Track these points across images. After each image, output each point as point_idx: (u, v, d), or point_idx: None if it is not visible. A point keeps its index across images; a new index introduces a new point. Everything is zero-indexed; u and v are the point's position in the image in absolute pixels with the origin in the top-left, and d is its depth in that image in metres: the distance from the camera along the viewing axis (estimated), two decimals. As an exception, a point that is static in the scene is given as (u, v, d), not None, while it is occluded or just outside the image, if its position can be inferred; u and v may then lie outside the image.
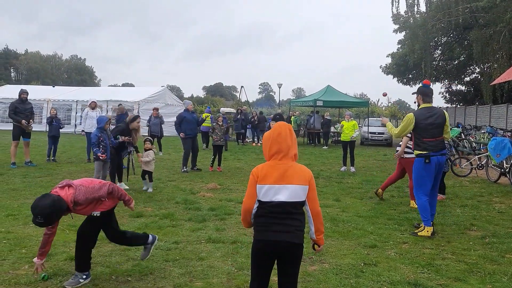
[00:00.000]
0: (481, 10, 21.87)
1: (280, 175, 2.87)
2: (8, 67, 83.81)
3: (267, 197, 2.86)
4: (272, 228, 2.83)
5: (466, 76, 33.00)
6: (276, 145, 2.94)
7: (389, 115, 38.34)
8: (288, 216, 2.85)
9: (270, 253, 2.90)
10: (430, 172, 5.68)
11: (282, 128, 2.99)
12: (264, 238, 2.86)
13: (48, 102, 25.27)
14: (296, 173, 2.90)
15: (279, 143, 2.93)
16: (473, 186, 9.81)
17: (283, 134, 2.96)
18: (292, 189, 2.86)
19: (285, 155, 2.92)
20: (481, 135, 17.19)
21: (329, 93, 22.54)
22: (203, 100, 56.53)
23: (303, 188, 2.88)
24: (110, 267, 4.32)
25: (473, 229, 6.08)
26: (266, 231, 2.85)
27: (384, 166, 13.48)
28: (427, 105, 5.84)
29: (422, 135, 5.71)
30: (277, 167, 2.90)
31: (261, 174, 2.90)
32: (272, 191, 2.85)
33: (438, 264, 4.59)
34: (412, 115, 5.78)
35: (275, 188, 2.85)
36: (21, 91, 11.12)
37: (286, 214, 2.85)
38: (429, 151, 5.65)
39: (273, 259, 2.94)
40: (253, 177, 2.93)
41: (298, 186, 2.87)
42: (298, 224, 2.88)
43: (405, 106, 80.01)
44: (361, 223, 6.26)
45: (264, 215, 2.88)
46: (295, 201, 2.87)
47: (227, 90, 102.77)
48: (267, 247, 2.86)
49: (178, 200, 7.52)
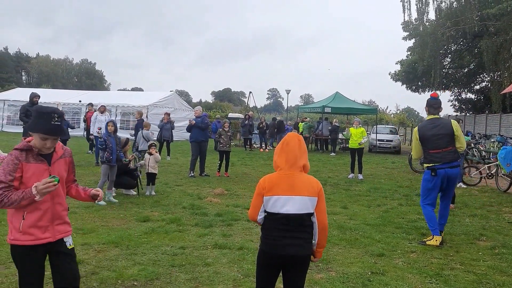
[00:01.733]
0: (492, 17, 21.72)
1: (288, 186, 2.82)
2: (19, 71, 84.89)
3: (275, 208, 2.81)
4: (281, 241, 2.79)
5: (476, 84, 32.77)
6: (284, 155, 2.91)
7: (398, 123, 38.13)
8: (297, 229, 2.81)
9: (277, 265, 2.87)
10: (436, 185, 5.69)
11: (291, 138, 2.96)
12: (272, 251, 2.82)
13: (58, 105, 25.50)
14: (305, 184, 2.84)
15: (286, 153, 2.90)
16: (483, 195, 9.70)
17: (291, 144, 2.92)
18: (300, 200, 2.80)
19: (293, 165, 2.87)
20: (491, 144, 17.01)
21: (337, 100, 22.49)
22: (211, 105, 56.71)
23: (312, 200, 2.82)
24: (116, 271, 4.32)
25: (483, 239, 6.00)
26: (275, 244, 2.80)
27: (392, 174, 13.39)
28: (432, 117, 5.87)
29: (428, 147, 5.74)
30: (285, 177, 2.85)
31: (269, 185, 2.85)
32: (280, 202, 2.80)
33: (446, 275, 4.53)
34: (416, 129, 5.94)
35: (283, 199, 2.80)
36: (33, 94, 11.24)
37: (295, 226, 2.80)
38: (435, 163, 5.64)
39: (279, 269, 2.91)
40: (260, 188, 2.89)
41: (307, 197, 2.81)
42: (307, 237, 2.84)
43: (414, 113, 79.54)
44: (368, 231, 6.21)
45: (274, 226, 2.83)
46: (304, 213, 2.81)
47: (235, 95, 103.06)
48: (274, 259, 2.83)
49: (185, 205, 7.52)
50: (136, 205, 7.47)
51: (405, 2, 25.11)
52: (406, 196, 9.21)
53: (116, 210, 7.00)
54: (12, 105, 26.04)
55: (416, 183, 11.25)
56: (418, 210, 7.81)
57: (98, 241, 5.28)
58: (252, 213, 2.93)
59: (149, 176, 8.62)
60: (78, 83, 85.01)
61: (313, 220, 2.88)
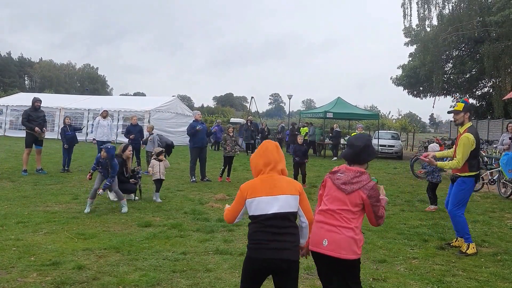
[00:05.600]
0: (494, 24, 21.75)
1: (270, 187, 2.90)
2: (22, 75, 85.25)
3: (259, 210, 2.86)
4: (269, 245, 2.79)
5: (477, 90, 32.74)
6: (263, 159, 3.02)
7: (400, 128, 38.08)
8: (284, 231, 2.84)
9: (264, 270, 2.85)
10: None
11: (268, 144, 3.11)
12: (260, 257, 2.81)
13: (61, 110, 25.57)
14: (286, 184, 2.95)
15: (266, 157, 3.01)
16: (485, 201, 9.68)
17: (269, 148, 3.05)
18: (284, 199, 2.87)
19: (273, 168, 2.98)
20: (493, 149, 16.97)
21: (339, 105, 22.50)
22: (213, 110, 56.82)
23: (294, 198, 2.91)
24: (117, 276, 4.32)
25: (485, 245, 5.98)
26: (262, 248, 2.80)
27: (394, 180, 13.36)
28: (471, 124, 5.67)
29: (476, 155, 5.56)
30: (266, 180, 2.95)
31: (250, 189, 2.94)
32: (264, 203, 2.86)
33: (448, 281, 4.51)
34: (473, 137, 5.45)
35: (266, 200, 2.86)
36: (35, 99, 11.29)
37: (282, 228, 2.83)
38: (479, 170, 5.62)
39: (266, 275, 2.91)
40: (241, 193, 2.97)
41: (290, 196, 2.89)
42: (294, 240, 2.88)
43: (416, 119, 79.47)
44: (370, 237, 6.19)
45: (259, 230, 2.85)
46: (289, 212, 2.87)
47: (237, 100, 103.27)
48: (263, 265, 2.81)
49: (186, 210, 7.52)
50: (137, 210, 7.47)
51: (406, 8, 25.18)
52: (408, 202, 9.19)
53: (118, 215, 7.00)
54: (14, 109, 26.12)
55: (418, 189, 11.23)
56: (420, 216, 7.81)
57: (99, 246, 5.28)
58: (229, 215, 3.04)
59: (160, 182, 8.48)
60: (81, 88, 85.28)
61: (298, 222, 2.97)
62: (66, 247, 5.22)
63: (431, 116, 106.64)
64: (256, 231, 2.86)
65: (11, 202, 7.58)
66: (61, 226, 6.15)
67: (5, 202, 7.54)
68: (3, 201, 7.61)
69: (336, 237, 2.90)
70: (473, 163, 5.53)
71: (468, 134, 5.48)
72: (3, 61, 78.98)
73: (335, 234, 2.91)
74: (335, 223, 2.94)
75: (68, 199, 8.07)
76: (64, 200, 8.02)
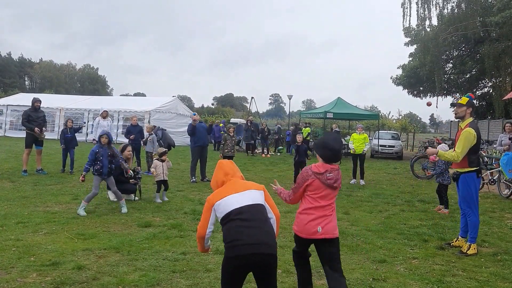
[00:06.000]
0: (494, 25, 21.74)
1: (235, 187, 3.16)
2: (22, 76, 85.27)
3: (231, 206, 2.99)
4: (244, 241, 2.83)
5: (478, 90, 32.73)
6: (221, 171, 3.29)
7: (400, 128, 38.05)
8: (258, 224, 2.94)
9: (243, 268, 2.87)
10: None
11: (222, 161, 3.45)
12: (237, 254, 2.83)
13: (61, 110, 25.58)
14: (250, 183, 3.27)
15: (222, 169, 3.31)
16: (485, 201, 9.67)
17: (224, 163, 3.39)
18: (252, 193, 3.13)
19: (233, 175, 3.28)
20: (493, 149, 16.97)
21: (339, 106, 22.50)
22: (213, 111, 56.82)
23: (260, 193, 3.20)
24: (117, 277, 4.32)
25: (485, 245, 5.98)
26: (237, 245, 2.83)
27: (394, 180, 13.36)
28: (472, 119, 5.64)
29: (476, 151, 5.53)
30: (231, 183, 3.20)
31: (217, 194, 3.13)
32: (234, 199, 3.02)
33: (448, 281, 4.51)
34: (474, 132, 5.41)
35: (236, 196, 3.05)
36: (35, 99, 11.29)
37: (256, 220, 2.95)
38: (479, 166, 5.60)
39: (246, 274, 2.94)
40: (208, 202, 3.12)
41: (256, 191, 3.18)
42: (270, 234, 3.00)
43: (416, 119, 79.45)
44: (370, 237, 6.19)
45: (232, 228, 2.91)
46: (257, 203, 3.09)
47: (237, 100, 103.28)
48: (241, 262, 2.83)
49: (186, 210, 7.52)
50: (137, 210, 7.47)
51: (405, 8, 25.17)
52: (408, 202, 9.19)
53: (118, 216, 7.00)
54: (15, 110, 26.13)
55: (418, 189, 11.23)
56: (420, 216, 7.81)
57: (99, 246, 5.28)
58: (200, 227, 3.14)
59: (164, 183, 8.42)
60: (81, 88, 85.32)
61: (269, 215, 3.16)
62: (66, 247, 5.22)
63: (431, 116, 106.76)
64: (229, 229, 2.92)
65: (11, 203, 7.58)
66: (61, 227, 6.15)
67: (5, 203, 7.54)
68: (3, 202, 7.61)
69: (329, 224, 3.47)
70: (472, 159, 5.52)
71: (469, 128, 5.46)
72: (4, 61, 79.01)
73: (328, 222, 3.47)
74: (326, 214, 3.48)
75: (68, 200, 8.07)
76: (64, 200, 8.02)
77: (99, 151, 7.29)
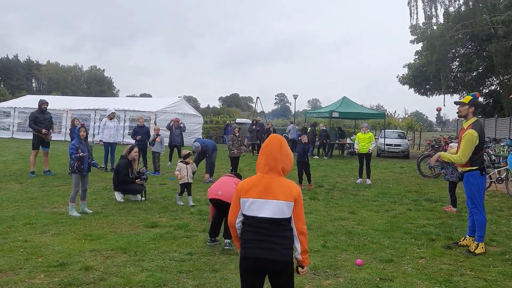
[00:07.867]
0: (500, 23, 21.55)
1: (264, 189, 2.78)
2: (30, 78, 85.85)
3: (251, 212, 2.79)
4: (257, 245, 2.76)
5: (485, 87, 32.49)
6: (263, 156, 2.88)
7: (406, 127, 37.90)
8: (274, 233, 2.75)
9: (258, 271, 2.82)
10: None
11: (272, 140, 2.93)
12: (249, 256, 2.79)
13: (68, 112, 25.73)
14: (282, 188, 2.79)
15: (266, 155, 2.87)
16: (493, 200, 9.60)
17: (270, 146, 2.88)
18: (276, 204, 2.75)
19: (272, 168, 2.83)
20: (501, 148, 16.83)
21: (345, 105, 22.45)
22: (219, 111, 56.87)
23: (288, 205, 2.75)
24: (124, 277, 4.34)
25: (493, 244, 5.93)
26: (251, 247, 2.78)
27: (401, 179, 13.29)
28: (475, 119, 5.62)
29: (479, 150, 5.51)
30: (262, 180, 2.82)
31: (246, 187, 2.84)
32: (255, 206, 2.78)
33: (456, 281, 4.48)
34: (476, 132, 5.41)
35: (258, 203, 2.77)
36: (41, 101, 11.37)
37: (272, 231, 2.75)
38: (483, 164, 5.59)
39: (263, 276, 2.86)
40: (237, 192, 2.88)
41: (283, 202, 2.75)
42: (285, 242, 2.77)
43: (423, 117, 79.03)
44: (377, 236, 6.17)
45: (250, 230, 2.81)
46: (280, 218, 2.75)
47: (243, 100, 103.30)
48: (253, 265, 2.79)
49: (192, 210, 7.53)
50: (144, 211, 7.50)
51: (412, 6, 25.03)
52: (415, 201, 9.14)
53: (124, 216, 7.03)
54: (22, 112, 26.32)
55: (425, 188, 11.17)
56: (427, 215, 7.77)
57: (106, 247, 5.30)
58: (230, 216, 2.94)
59: (187, 186, 8.15)
60: (87, 89, 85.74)
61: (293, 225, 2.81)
62: (73, 248, 5.25)
63: (438, 114, 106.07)
64: (247, 230, 2.83)
65: (19, 204, 7.63)
66: (68, 227, 6.18)
67: (13, 204, 7.60)
68: (11, 203, 7.67)
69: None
70: (474, 158, 5.51)
71: (471, 130, 5.44)
72: (11, 64, 79.59)
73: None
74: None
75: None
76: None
77: (79, 146, 6.97)
